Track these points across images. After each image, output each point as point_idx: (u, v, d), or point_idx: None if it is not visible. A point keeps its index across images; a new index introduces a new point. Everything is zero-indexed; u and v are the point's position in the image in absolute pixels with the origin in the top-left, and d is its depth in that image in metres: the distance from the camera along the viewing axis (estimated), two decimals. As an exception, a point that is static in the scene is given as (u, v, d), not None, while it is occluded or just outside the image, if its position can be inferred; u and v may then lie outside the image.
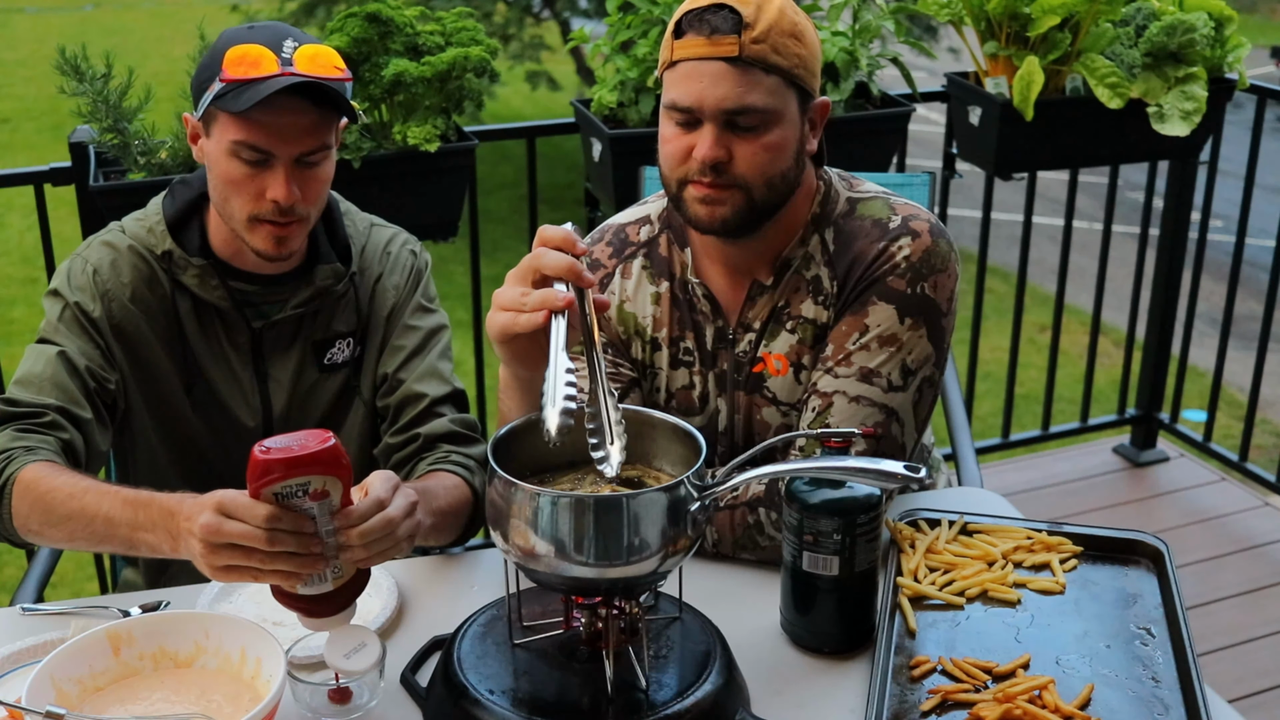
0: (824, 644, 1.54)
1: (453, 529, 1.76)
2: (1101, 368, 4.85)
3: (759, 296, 1.76)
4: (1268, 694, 2.87)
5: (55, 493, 1.58)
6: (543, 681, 1.39)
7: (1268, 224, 3.98)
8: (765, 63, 1.59)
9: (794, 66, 1.62)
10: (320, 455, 1.31)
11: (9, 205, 8.24)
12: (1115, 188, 3.72)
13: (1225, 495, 3.71)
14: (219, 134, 1.70)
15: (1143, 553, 1.68)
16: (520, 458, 1.41)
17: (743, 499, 1.66)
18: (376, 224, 1.96)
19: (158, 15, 16.18)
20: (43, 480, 1.60)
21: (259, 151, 1.69)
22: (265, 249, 1.74)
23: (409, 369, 1.88)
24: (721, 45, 1.58)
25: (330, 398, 1.89)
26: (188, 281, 1.81)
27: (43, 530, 1.62)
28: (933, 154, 3.96)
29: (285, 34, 1.70)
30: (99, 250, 1.82)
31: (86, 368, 1.75)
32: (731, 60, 1.59)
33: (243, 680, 1.42)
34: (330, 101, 1.69)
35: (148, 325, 1.81)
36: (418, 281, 1.94)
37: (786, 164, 1.65)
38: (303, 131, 1.69)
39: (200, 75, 1.72)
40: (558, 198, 8.32)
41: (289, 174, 1.70)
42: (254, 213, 1.72)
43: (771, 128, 1.63)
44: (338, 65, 1.71)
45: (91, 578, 3.64)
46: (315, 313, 1.86)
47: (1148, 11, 3.10)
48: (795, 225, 1.74)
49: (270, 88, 1.63)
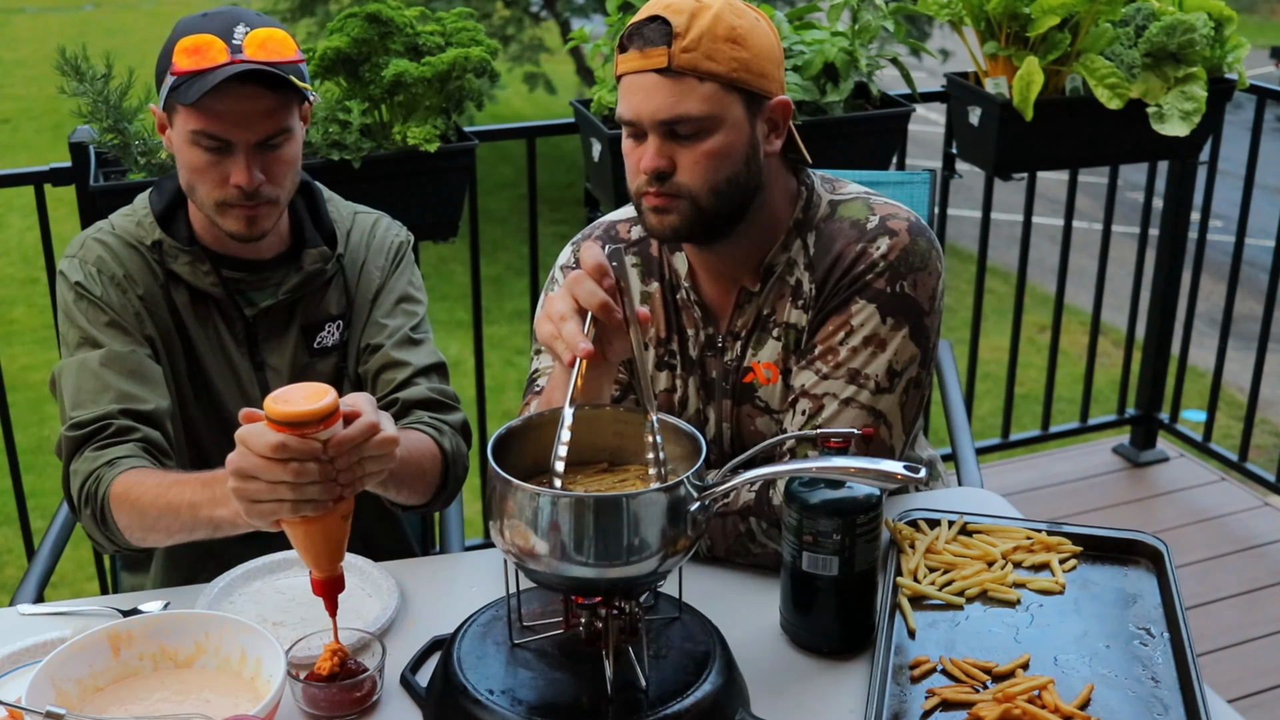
0: (824, 644, 1.54)
1: (417, 482, 1.75)
2: (1101, 368, 4.85)
3: (747, 304, 1.76)
4: (1267, 694, 2.87)
5: (143, 498, 1.61)
6: (543, 681, 1.39)
7: (1267, 224, 3.98)
8: (698, 71, 1.58)
9: (732, 71, 1.59)
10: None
11: (9, 205, 8.25)
12: (1115, 188, 3.72)
13: (1225, 495, 3.71)
14: (179, 124, 1.72)
15: (1142, 553, 1.68)
16: (520, 458, 1.41)
17: (734, 507, 1.65)
18: (360, 210, 1.98)
19: (158, 15, 16.17)
20: (131, 490, 1.63)
21: (217, 140, 1.70)
22: (237, 230, 1.76)
23: (390, 337, 1.89)
24: (653, 57, 1.59)
25: (326, 380, 1.89)
26: (180, 270, 1.82)
27: (147, 535, 1.65)
28: (932, 154, 3.96)
29: (237, 19, 1.71)
30: (93, 247, 1.82)
31: (123, 353, 1.75)
32: (662, 71, 1.58)
33: (243, 680, 1.42)
34: (287, 86, 1.69)
35: (149, 315, 1.82)
36: (399, 259, 1.95)
37: (733, 169, 1.64)
38: (259, 116, 1.70)
39: (158, 66, 1.74)
40: (558, 198, 8.32)
41: (250, 159, 1.71)
42: (220, 198, 1.74)
43: (712, 134, 1.61)
44: (289, 48, 1.71)
45: (92, 578, 3.64)
46: (305, 297, 1.87)
47: (1147, 12, 3.10)
48: (777, 230, 1.74)
49: (217, 78, 1.64)
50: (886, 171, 2.82)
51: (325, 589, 1.43)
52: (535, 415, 1.47)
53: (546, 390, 1.69)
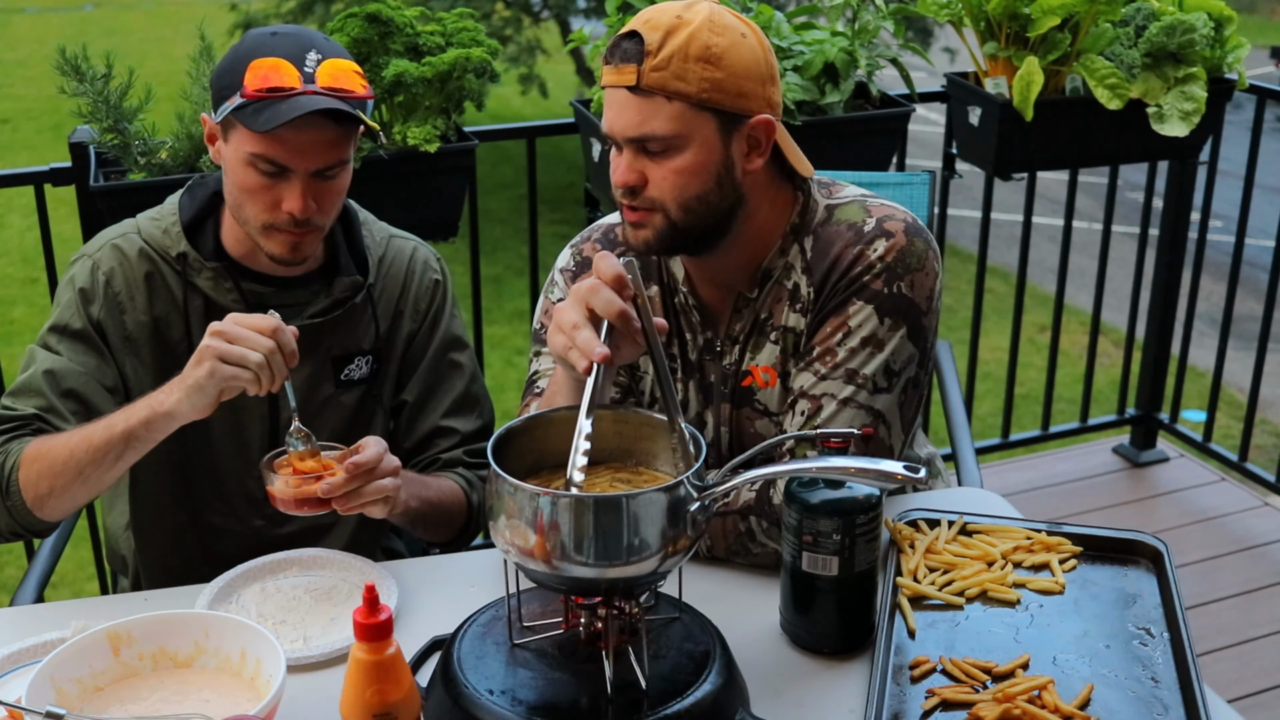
0: (824, 644, 1.54)
1: (442, 524, 1.80)
2: (1101, 368, 4.85)
3: (744, 309, 1.77)
4: (1267, 694, 2.87)
5: (55, 444, 1.67)
6: (543, 681, 1.39)
7: (1267, 224, 3.98)
8: (665, 90, 1.58)
9: (702, 91, 1.58)
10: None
11: (9, 205, 8.25)
12: (1115, 188, 3.72)
13: (1225, 495, 3.71)
14: (237, 143, 1.70)
15: (1142, 553, 1.68)
16: (520, 458, 1.41)
17: (734, 506, 1.65)
18: (395, 235, 1.96)
19: (158, 15, 16.18)
20: (43, 444, 1.69)
21: (277, 165, 1.69)
22: (280, 254, 1.75)
23: (442, 400, 1.94)
24: (625, 74, 1.59)
25: (349, 412, 1.90)
26: (201, 284, 1.81)
27: (54, 485, 1.66)
28: (932, 154, 3.96)
29: (309, 44, 1.69)
30: (110, 255, 1.81)
31: (72, 389, 1.77)
32: (632, 89, 1.59)
33: (243, 680, 1.42)
34: (350, 119, 1.69)
35: (156, 332, 1.81)
36: (441, 301, 1.96)
37: (703, 187, 1.63)
38: (321, 147, 1.69)
39: (221, 80, 1.71)
40: (558, 198, 8.32)
41: (305, 187, 1.70)
42: (269, 221, 1.72)
43: (680, 152, 1.61)
44: (361, 83, 1.71)
45: (92, 577, 3.65)
46: (334, 325, 1.86)
47: (1147, 12, 3.10)
48: (771, 237, 1.74)
49: (293, 110, 1.63)
50: (886, 173, 2.82)
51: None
52: (535, 415, 1.47)
53: (547, 393, 1.69)
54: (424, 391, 1.93)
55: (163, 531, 1.91)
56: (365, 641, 1.30)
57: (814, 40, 2.91)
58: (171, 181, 2.31)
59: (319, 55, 1.68)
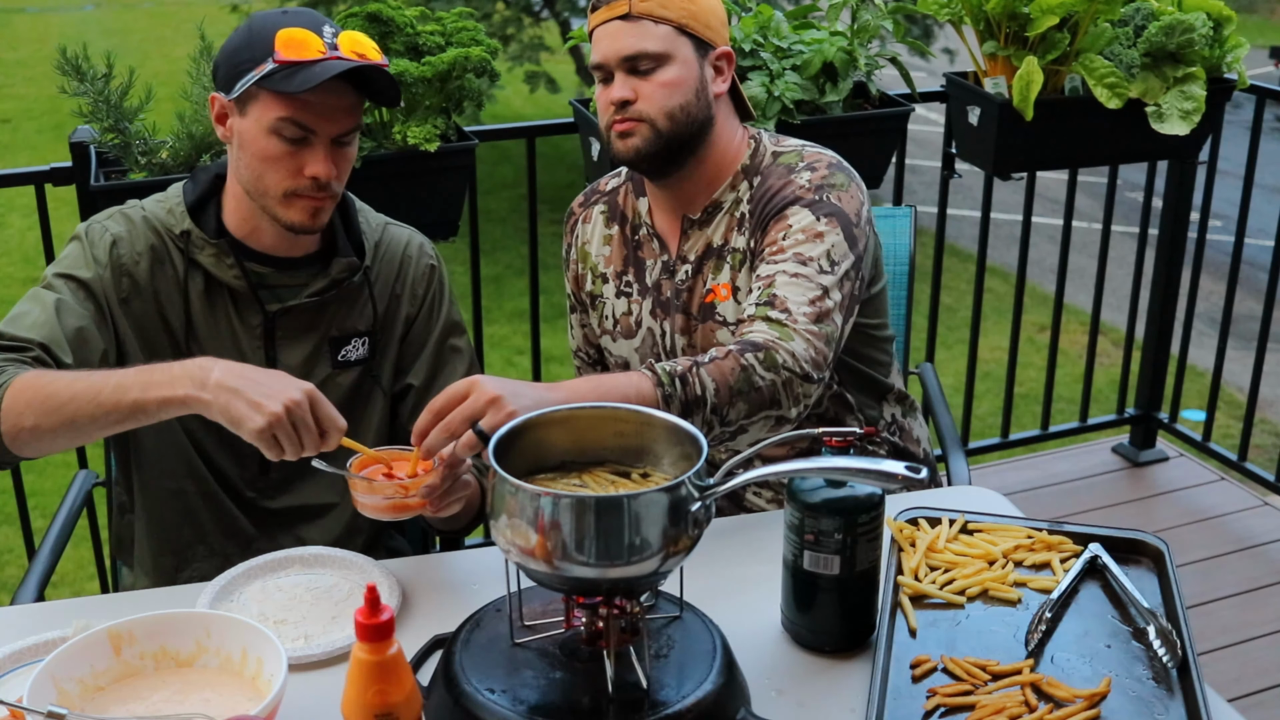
0: (825, 643, 1.54)
1: (462, 516, 1.81)
2: (1101, 367, 4.86)
3: (690, 230, 2.04)
4: (1267, 693, 2.87)
5: (57, 381, 1.62)
6: (543, 681, 1.40)
7: (1267, 224, 3.98)
8: (653, 16, 1.90)
9: (682, 19, 1.91)
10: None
11: (9, 205, 8.25)
12: (1114, 188, 3.72)
13: (1224, 495, 3.71)
14: (259, 112, 1.75)
15: (1143, 552, 1.68)
16: (520, 457, 1.41)
17: (727, 349, 1.74)
18: (390, 223, 2.01)
19: (158, 15, 16.19)
20: (42, 376, 1.64)
21: (303, 129, 1.74)
22: (300, 220, 1.79)
23: (441, 384, 1.90)
24: (615, 8, 1.92)
25: (345, 392, 1.92)
26: (203, 261, 1.84)
27: (40, 423, 1.61)
28: (932, 154, 3.96)
29: (321, 20, 1.77)
30: (118, 221, 1.85)
31: (77, 328, 1.76)
32: (624, 17, 1.91)
33: (244, 680, 1.42)
34: (366, 86, 1.77)
35: (156, 303, 1.84)
36: (438, 287, 1.99)
37: (685, 98, 1.93)
38: (344, 112, 1.77)
39: (238, 55, 1.75)
40: (558, 198, 8.31)
41: (328, 152, 1.77)
42: (291, 187, 1.77)
43: (665, 67, 1.91)
44: (376, 51, 1.79)
45: (92, 577, 3.65)
46: (333, 305, 1.90)
47: (1146, 11, 3.10)
48: (725, 173, 2.02)
49: (326, 72, 1.70)
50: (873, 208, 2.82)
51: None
52: (535, 415, 1.47)
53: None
54: (429, 376, 1.97)
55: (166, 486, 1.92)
56: (367, 642, 1.30)
57: (813, 40, 2.91)
58: (172, 181, 2.30)
59: (334, 28, 1.76)
